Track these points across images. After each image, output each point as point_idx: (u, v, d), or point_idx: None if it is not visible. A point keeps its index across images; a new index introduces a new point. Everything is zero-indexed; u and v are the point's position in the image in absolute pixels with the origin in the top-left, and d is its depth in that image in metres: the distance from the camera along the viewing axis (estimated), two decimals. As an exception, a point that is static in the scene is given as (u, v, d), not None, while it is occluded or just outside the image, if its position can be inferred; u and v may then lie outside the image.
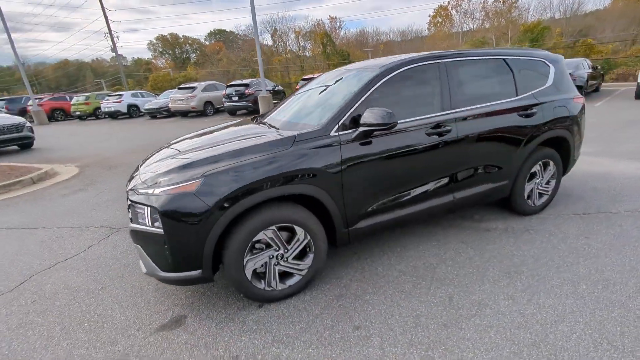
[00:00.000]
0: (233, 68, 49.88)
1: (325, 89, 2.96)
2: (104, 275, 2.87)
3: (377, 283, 2.49)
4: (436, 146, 2.60)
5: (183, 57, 67.55)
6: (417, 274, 2.55)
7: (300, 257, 2.36)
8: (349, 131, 2.35)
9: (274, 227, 2.18)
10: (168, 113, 17.02)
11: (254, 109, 14.78)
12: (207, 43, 66.76)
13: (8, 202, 5.23)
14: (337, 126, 2.34)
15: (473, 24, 45.08)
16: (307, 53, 49.27)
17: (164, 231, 2.01)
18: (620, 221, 3.10)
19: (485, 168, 2.89)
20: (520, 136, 2.95)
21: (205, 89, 16.33)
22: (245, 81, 15.62)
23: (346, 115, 2.37)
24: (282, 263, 2.29)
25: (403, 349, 1.88)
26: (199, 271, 2.09)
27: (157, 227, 2.03)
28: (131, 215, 2.22)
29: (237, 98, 14.98)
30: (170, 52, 67.97)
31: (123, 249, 3.29)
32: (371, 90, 2.46)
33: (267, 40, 52.82)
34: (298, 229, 2.26)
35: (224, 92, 15.59)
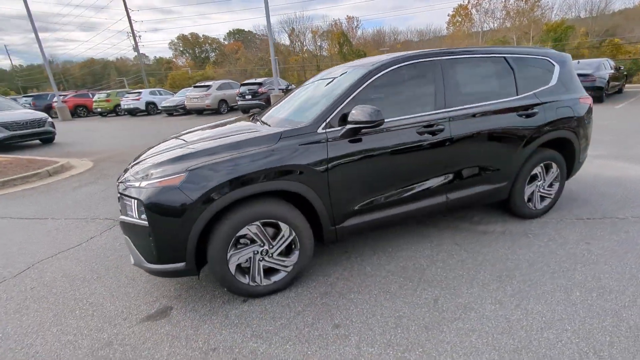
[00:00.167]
0: (250, 67, 50.44)
1: (318, 87, 2.95)
2: (101, 265, 2.96)
3: (364, 282, 2.47)
4: (428, 145, 2.55)
5: (202, 56, 68.85)
6: (406, 275, 2.51)
7: (285, 254, 2.37)
8: (337, 128, 2.34)
9: (258, 223, 2.19)
10: (184, 111, 17.37)
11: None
12: (226, 42, 67.81)
13: (24, 193, 5.46)
14: (325, 123, 2.32)
15: (494, 24, 43.97)
16: (324, 53, 49.31)
17: (149, 223, 2.05)
18: (626, 227, 2.96)
19: (481, 169, 2.81)
20: (519, 137, 2.85)
21: (220, 88, 16.58)
22: (258, 80, 15.78)
23: (334, 112, 2.35)
24: (267, 259, 2.30)
25: (380, 350, 1.85)
26: (183, 264, 2.13)
27: (143, 220, 2.08)
28: (120, 207, 2.28)
29: (251, 97, 15.15)
30: (190, 52, 69.39)
31: (122, 241, 3.37)
32: (361, 88, 2.43)
33: (285, 40, 53.20)
34: (283, 226, 2.26)
35: (238, 91, 15.79)
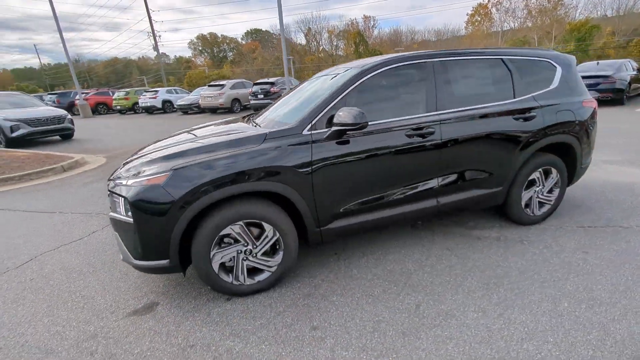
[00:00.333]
0: (267, 67, 50.88)
1: (310, 89, 2.95)
2: (98, 259, 3.06)
3: (348, 285, 2.46)
4: (417, 148, 2.51)
5: (220, 56, 69.97)
6: (391, 279, 2.49)
7: (270, 254, 2.38)
8: (322, 130, 2.33)
9: (241, 223, 2.22)
10: (198, 109, 17.68)
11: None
12: (244, 42, 68.66)
13: (39, 187, 5.70)
14: (310, 125, 2.32)
15: (514, 23, 42.77)
16: (340, 52, 49.19)
17: (134, 221, 2.10)
18: (629, 237, 2.83)
19: (473, 173, 2.75)
20: (514, 141, 2.77)
21: (233, 87, 16.80)
22: (270, 79, 15.90)
23: (320, 114, 2.35)
24: (251, 258, 2.32)
25: (353, 354, 1.84)
26: (167, 261, 2.17)
27: (129, 217, 2.13)
28: (110, 203, 2.35)
29: (263, 96, 15.28)
30: (208, 51, 70.63)
31: (121, 236, 3.47)
32: (348, 90, 2.42)
33: (301, 39, 53.36)
34: (267, 226, 2.28)
35: (251, 90, 15.96)
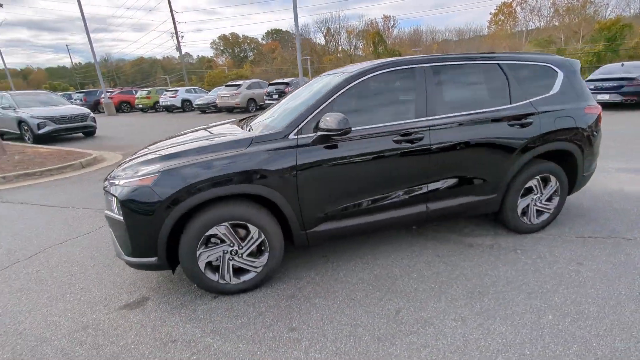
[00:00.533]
0: (286, 67, 51.32)
1: (303, 93, 2.98)
2: (100, 253, 3.20)
3: (333, 288, 2.48)
4: (405, 154, 2.50)
5: (241, 56, 71.04)
6: (376, 284, 2.49)
7: (256, 255, 2.43)
8: (309, 135, 2.36)
9: (227, 224, 2.28)
10: (215, 108, 18.05)
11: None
12: (264, 42, 69.43)
13: (57, 183, 5.99)
14: (296, 130, 2.36)
15: (540, 22, 41.26)
16: (359, 52, 48.96)
17: (124, 219, 2.20)
18: (629, 249, 2.72)
19: (465, 179, 2.70)
20: (509, 147, 2.71)
21: (249, 87, 17.06)
22: (285, 80, 16.07)
23: (307, 119, 2.38)
24: (237, 259, 2.38)
25: (326, 356, 1.87)
26: (155, 258, 2.26)
27: (121, 215, 2.24)
28: (105, 202, 2.46)
29: (277, 96, 15.44)
30: (230, 51, 71.85)
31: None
32: (336, 96, 2.44)
33: (320, 39, 53.45)
34: (252, 228, 2.33)
35: (266, 90, 16.17)
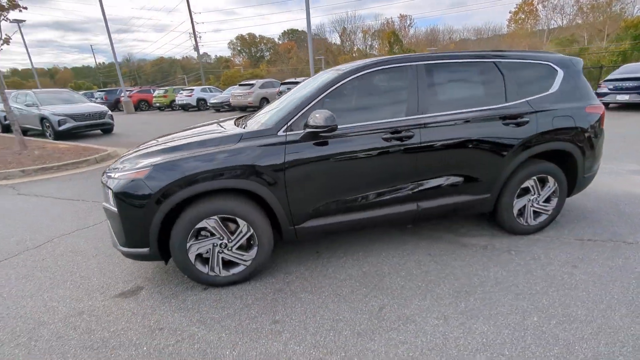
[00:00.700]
0: (301, 66, 51.47)
1: (298, 92, 3.01)
2: (104, 244, 3.33)
3: (320, 283, 2.50)
4: (394, 152, 2.50)
5: (258, 55, 71.78)
6: (363, 281, 2.50)
7: (245, 249, 2.49)
8: (298, 132, 2.40)
9: (216, 218, 2.34)
10: (229, 107, 18.33)
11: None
12: (280, 42, 69.93)
13: (71, 177, 6.24)
14: (286, 126, 2.40)
15: (562, 20, 39.88)
16: (374, 52, 48.66)
17: (118, 211, 2.29)
18: (629, 253, 2.63)
19: (457, 178, 2.68)
20: (503, 147, 2.66)
21: (262, 86, 17.22)
22: (298, 79, 16.11)
23: (296, 116, 2.42)
24: (226, 252, 2.44)
25: (304, 349, 1.90)
26: (147, 249, 2.35)
27: (115, 207, 2.33)
28: (103, 194, 2.56)
29: (290, 95, 15.51)
30: (247, 51, 72.72)
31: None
32: (326, 93, 2.47)
33: (336, 39, 53.40)
34: (241, 222, 2.39)
35: (278, 89, 16.29)
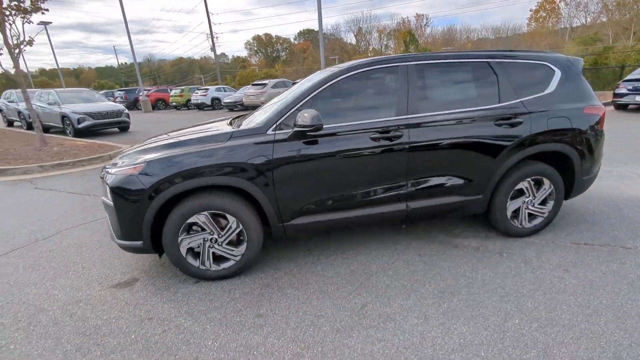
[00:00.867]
0: (317, 66, 51.64)
1: (292, 92, 3.06)
2: (106, 237, 3.47)
3: (307, 280, 2.55)
4: (382, 152, 2.51)
5: (274, 56, 72.40)
6: (350, 279, 2.53)
7: (235, 244, 2.55)
8: (286, 131, 2.45)
9: (206, 213, 2.41)
10: (242, 106, 18.59)
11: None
12: (296, 42, 70.33)
13: (85, 173, 6.50)
14: (275, 125, 2.45)
15: (586, 19, 38.51)
16: (390, 52, 48.30)
17: (114, 205, 2.40)
18: (625, 258, 2.56)
19: (447, 179, 2.66)
20: (496, 147, 2.63)
21: (274, 86, 17.40)
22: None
23: (285, 115, 2.46)
24: (217, 247, 2.51)
25: (283, 343, 1.94)
26: (141, 242, 2.44)
27: (111, 201, 2.44)
28: (102, 189, 2.68)
29: (301, 95, 15.58)
30: (263, 51, 73.45)
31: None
32: (315, 92, 2.51)
33: (351, 39, 53.29)
34: (230, 218, 2.45)
35: (290, 89, 16.42)
